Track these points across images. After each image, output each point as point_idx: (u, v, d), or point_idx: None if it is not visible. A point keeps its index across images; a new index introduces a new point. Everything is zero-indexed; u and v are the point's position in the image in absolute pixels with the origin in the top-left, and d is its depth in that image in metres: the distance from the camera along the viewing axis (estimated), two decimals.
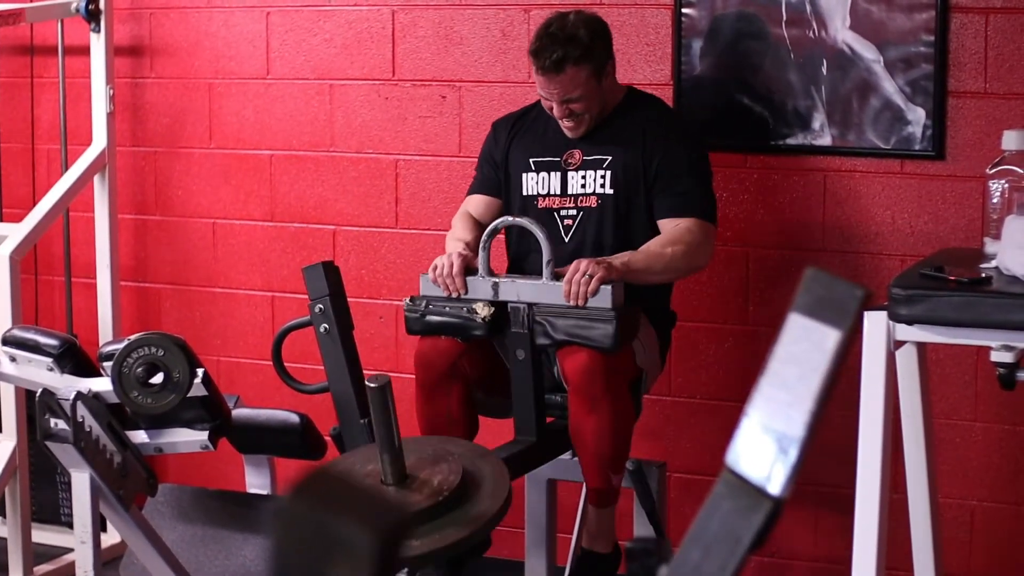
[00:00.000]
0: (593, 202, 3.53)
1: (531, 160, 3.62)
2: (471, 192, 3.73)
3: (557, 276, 3.32)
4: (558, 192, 3.57)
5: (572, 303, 3.27)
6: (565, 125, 3.54)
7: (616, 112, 3.58)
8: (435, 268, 3.41)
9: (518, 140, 3.65)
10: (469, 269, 3.40)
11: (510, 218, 3.46)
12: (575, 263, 3.31)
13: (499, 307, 3.36)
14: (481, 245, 3.39)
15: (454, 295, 3.39)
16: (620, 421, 3.31)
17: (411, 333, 3.48)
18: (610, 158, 3.53)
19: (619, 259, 3.35)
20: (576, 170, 3.56)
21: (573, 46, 3.43)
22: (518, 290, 3.35)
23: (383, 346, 4.26)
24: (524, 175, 3.62)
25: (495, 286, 3.37)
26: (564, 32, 3.45)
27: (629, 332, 3.32)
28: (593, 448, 3.33)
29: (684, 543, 1.19)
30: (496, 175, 3.67)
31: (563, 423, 3.42)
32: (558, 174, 3.58)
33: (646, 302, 3.46)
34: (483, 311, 3.35)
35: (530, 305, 3.33)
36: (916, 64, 3.65)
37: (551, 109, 3.52)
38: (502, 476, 3.06)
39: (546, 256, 3.32)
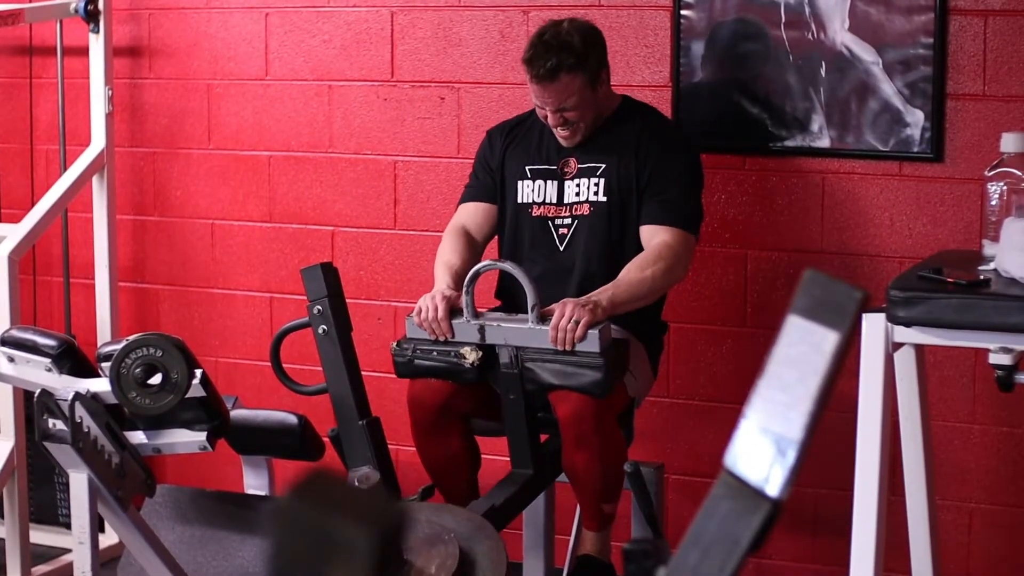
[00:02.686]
0: (585, 210, 3.50)
1: (527, 168, 3.58)
2: (465, 200, 3.67)
3: (543, 318, 3.26)
4: (554, 201, 3.54)
5: (559, 348, 3.23)
6: (560, 134, 3.51)
7: (611, 120, 3.55)
8: (419, 312, 3.35)
9: (513, 148, 3.62)
10: (454, 310, 3.34)
11: (492, 262, 3.40)
12: (560, 306, 3.24)
13: (487, 348, 3.31)
14: (464, 288, 3.31)
15: (440, 339, 3.34)
16: (610, 456, 3.30)
17: (401, 377, 3.44)
18: (604, 166, 3.50)
19: (604, 297, 3.29)
20: (572, 179, 3.53)
21: (567, 54, 3.39)
22: (505, 335, 3.29)
23: (381, 347, 4.25)
24: (520, 182, 3.58)
25: (481, 330, 3.30)
26: (558, 40, 3.41)
27: (619, 372, 3.29)
28: (584, 483, 3.35)
29: (682, 545, 1.19)
30: (492, 181, 3.63)
31: (558, 443, 3.40)
32: (555, 183, 3.55)
33: (636, 317, 3.43)
34: (471, 356, 3.29)
35: (518, 348, 3.29)
36: (915, 66, 3.65)
37: (545, 117, 3.49)
38: (499, 556, 3.05)
39: (531, 300, 3.25)
